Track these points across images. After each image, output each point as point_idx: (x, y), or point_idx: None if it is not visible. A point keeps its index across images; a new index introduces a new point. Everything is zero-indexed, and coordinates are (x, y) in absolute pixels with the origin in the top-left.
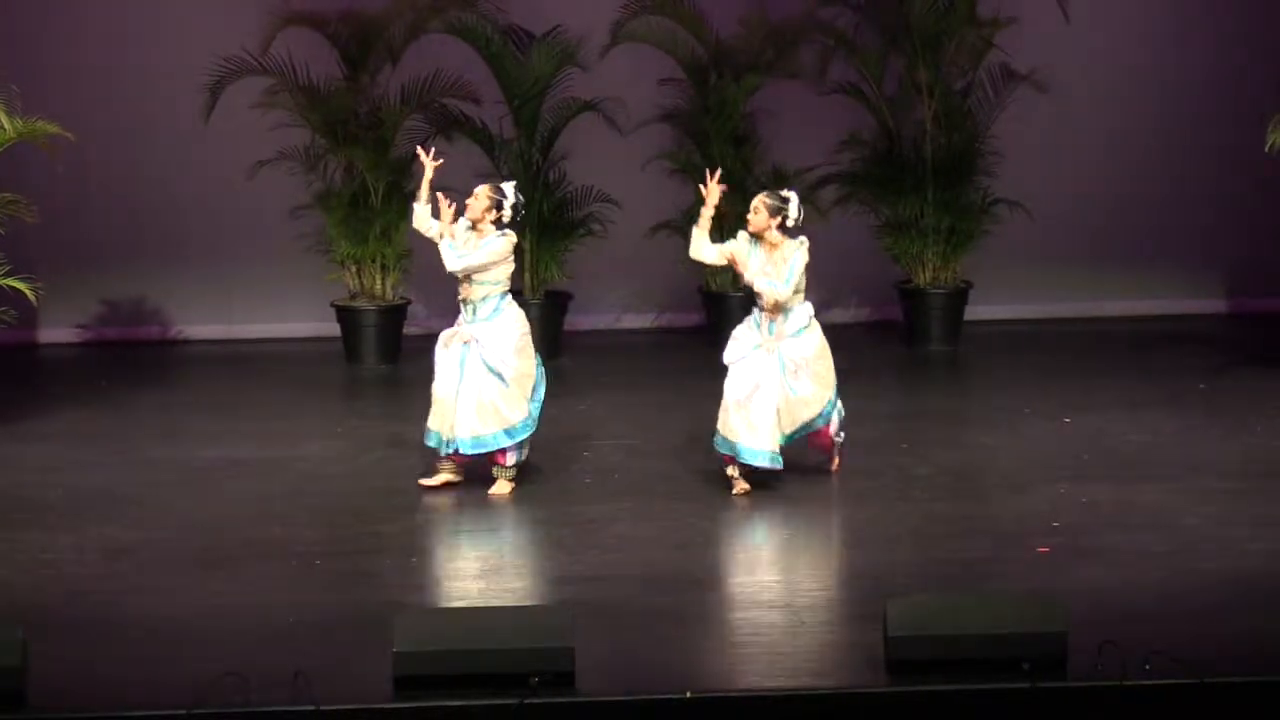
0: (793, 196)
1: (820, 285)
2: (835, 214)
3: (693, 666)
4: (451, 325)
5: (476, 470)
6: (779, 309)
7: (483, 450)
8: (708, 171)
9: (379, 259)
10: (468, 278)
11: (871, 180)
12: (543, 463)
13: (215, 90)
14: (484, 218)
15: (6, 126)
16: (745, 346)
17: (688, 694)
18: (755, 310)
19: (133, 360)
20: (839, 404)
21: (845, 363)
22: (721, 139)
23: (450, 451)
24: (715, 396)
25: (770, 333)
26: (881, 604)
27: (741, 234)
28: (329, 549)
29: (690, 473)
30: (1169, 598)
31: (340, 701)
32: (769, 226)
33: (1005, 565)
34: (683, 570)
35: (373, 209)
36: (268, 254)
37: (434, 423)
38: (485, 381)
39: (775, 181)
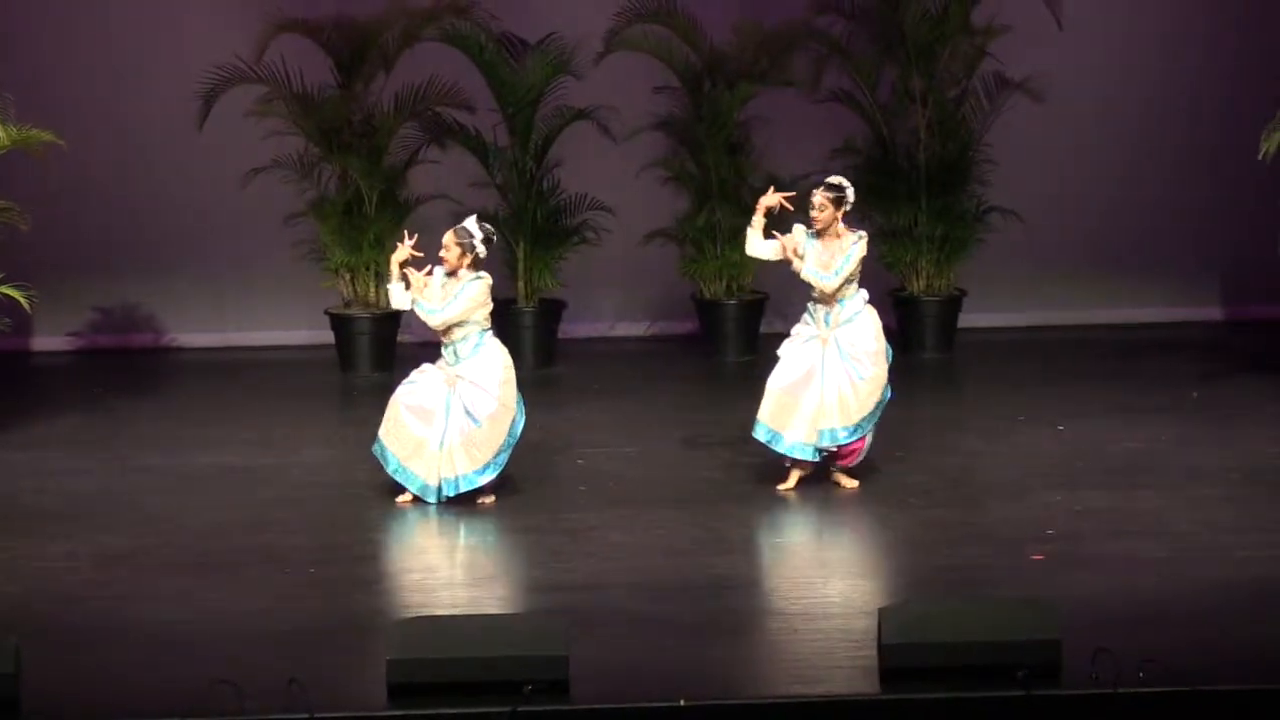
0: (845, 181)
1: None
2: None
3: (687, 674)
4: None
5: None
6: (832, 300)
7: (460, 491)
8: (773, 190)
9: (373, 267)
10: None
11: (865, 188)
12: (536, 470)
13: (209, 98)
14: (461, 264)
15: (0, 134)
16: (799, 339)
17: (682, 702)
18: (810, 304)
19: (126, 368)
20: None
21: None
22: (715, 147)
23: (434, 500)
24: (709, 404)
25: (826, 323)
26: (875, 611)
27: (799, 226)
28: (323, 556)
29: (684, 480)
30: (1163, 605)
31: (334, 709)
32: (836, 219)
33: (999, 572)
34: (676, 578)
35: (366, 217)
36: (261, 262)
37: (418, 469)
38: (464, 426)
39: (770, 189)
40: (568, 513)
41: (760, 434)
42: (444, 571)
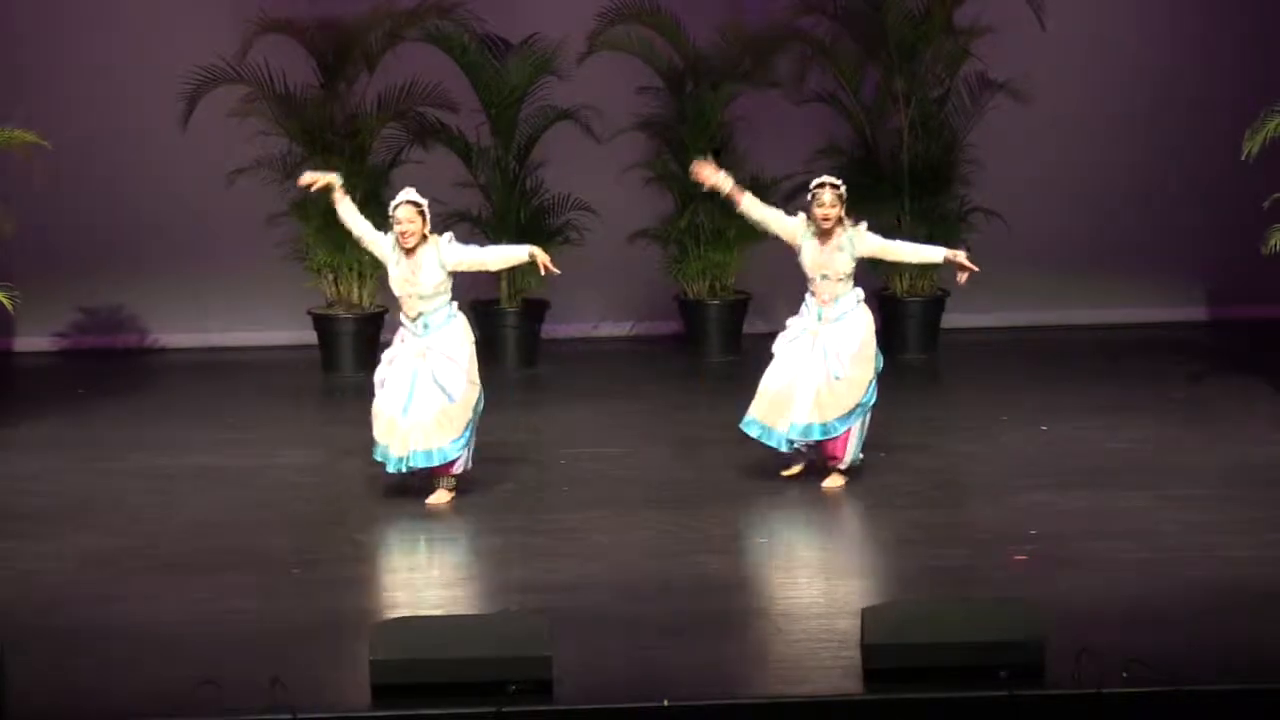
0: (838, 180)
1: (796, 293)
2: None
3: (670, 675)
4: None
5: (462, 481)
6: (834, 295)
7: (436, 464)
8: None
9: (356, 267)
10: (417, 293)
11: (849, 189)
12: (519, 471)
13: (192, 99)
14: (424, 232)
15: None
16: (792, 334)
17: (665, 702)
18: (808, 295)
19: (109, 369)
20: (867, 418)
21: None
22: (698, 147)
23: (404, 470)
24: (692, 404)
25: (819, 318)
26: (858, 612)
27: (801, 216)
28: (306, 557)
29: (667, 481)
30: (1147, 605)
31: (317, 710)
32: (840, 217)
33: (982, 573)
34: (660, 578)
35: None
36: (245, 262)
37: (383, 437)
38: (435, 398)
39: (753, 190)
40: (551, 513)
41: (752, 430)
42: (427, 572)
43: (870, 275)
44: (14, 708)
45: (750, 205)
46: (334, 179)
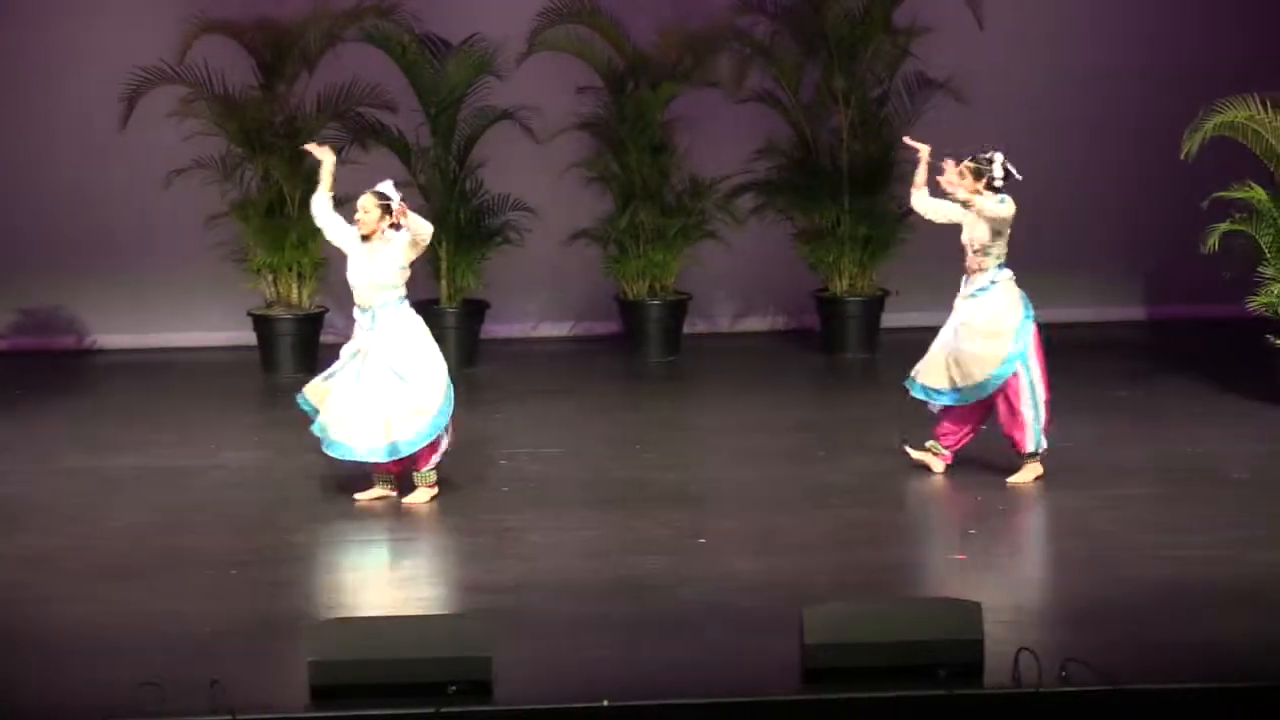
0: (996, 156)
1: (737, 293)
2: (752, 222)
3: (610, 675)
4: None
5: (402, 480)
6: (981, 266)
7: (404, 455)
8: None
9: (295, 268)
10: (371, 282)
11: (788, 188)
12: (459, 471)
13: (132, 99)
14: (380, 226)
15: None
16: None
17: (605, 703)
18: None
19: (48, 370)
20: (1040, 404)
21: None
22: (639, 147)
23: (363, 461)
24: (632, 404)
25: (964, 286)
26: (798, 611)
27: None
28: (245, 558)
29: (607, 481)
30: (1085, 605)
31: (256, 711)
32: (977, 190)
33: (922, 572)
34: (600, 579)
35: (289, 218)
36: (184, 263)
37: (339, 434)
38: (391, 389)
39: (693, 190)
40: (491, 513)
41: (913, 388)
42: (366, 572)
43: (810, 275)
44: None
45: (933, 206)
46: (332, 157)
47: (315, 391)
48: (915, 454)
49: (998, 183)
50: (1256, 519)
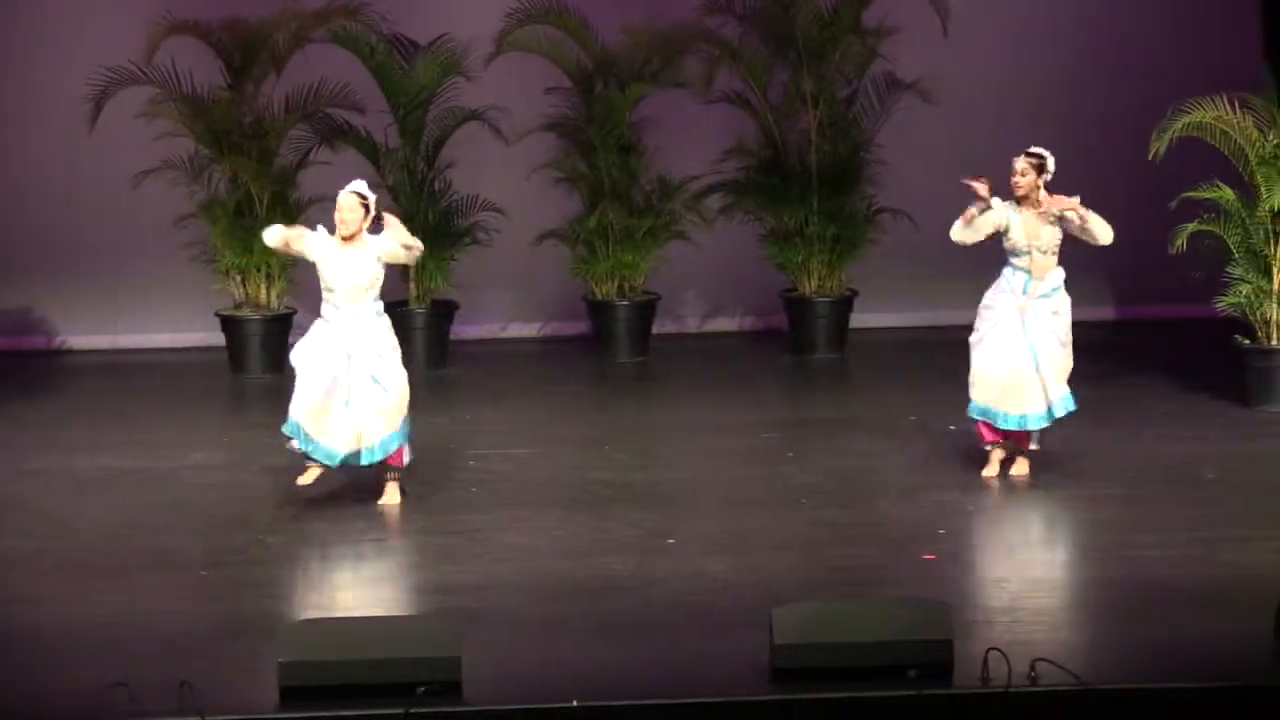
0: (1046, 152)
1: (705, 293)
2: (720, 222)
3: (580, 676)
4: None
5: (363, 477)
6: (1045, 269)
7: (379, 458)
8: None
9: (264, 268)
10: (355, 284)
11: (757, 189)
12: (429, 472)
13: (99, 99)
14: (363, 226)
15: None
16: (997, 315)
17: (574, 703)
18: (1009, 270)
19: (17, 371)
20: None
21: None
22: (607, 148)
23: (336, 464)
24: (601, 405)
25: (1025, 292)
26: (768, 612)
27: (996, 201)
28: (215, 559)
29: (576, 482)
30: (1054, 605)
31: (226, 712)
32: (1037, 186)
33: (891, 572)
34: (570, 579)
35: (257, 218)
36: (152, 264)
37: (316, 432)
38: (371, 393)
39: (661, 191)
40: (460, 514)
41: (976, 413)
42: (336, 574)
43: (778, 275)
44: None
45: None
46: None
47: (309, 417)
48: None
49: (1049, 176)
50: (1225, 519)
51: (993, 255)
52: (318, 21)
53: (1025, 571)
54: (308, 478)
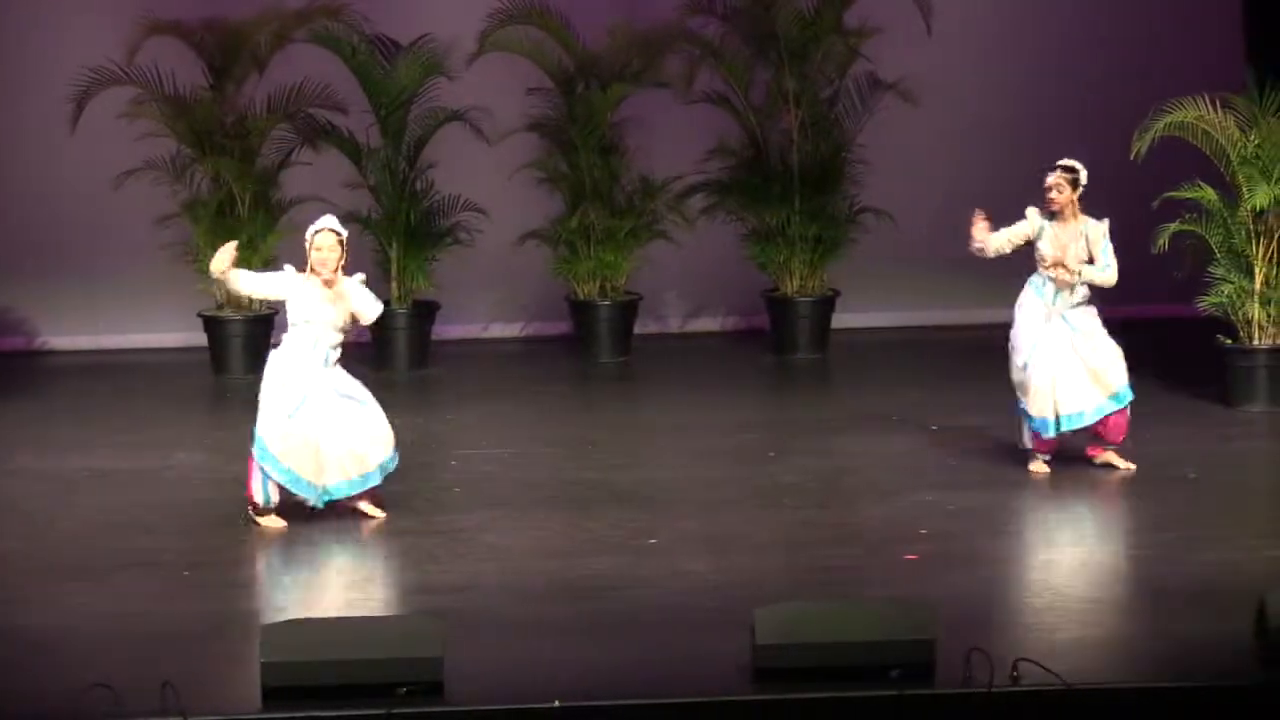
0: (1078, 164)
1: (687, 294)
2: (702, 223)
3: (562, 676)
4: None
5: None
6: (1076, 280)
7: (373, 484)
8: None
9: (246, 269)
10: (333, 325)
11: (738, 189)
12: (411, 473)
13: (81, 100)
14: (342, 264)
15: None
16: (1034, 320)
17: (556, 703)
18: (1037, 277)
19: None
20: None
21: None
22: (589, 148)
23: (323, 503)
24: (583, 405)
25: (1053, 302)
26: (750, 612)
27: (1030, 210)
28: (197, 559)
29: (559, 482)
30: (1037, 604)
31: (208, 712)
32: (1072, 200)
33: (873, 573)
34: (552, 580)
35: (239, 219)
36: (134, 264)
37: (303, 469)
38: (351, 414)
39: (643, 191)
40: (442, 514)
41: (1049, 430)
42: (318, 574)
43: (760, 275)
44: None
45: (998, 243)
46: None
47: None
48: (1101, 459)
49: (1081, 188)
50: (1207, 518)
51: (974, 257)
52: (299, 22)
53: (1007, 571)
54: (273, 523)
